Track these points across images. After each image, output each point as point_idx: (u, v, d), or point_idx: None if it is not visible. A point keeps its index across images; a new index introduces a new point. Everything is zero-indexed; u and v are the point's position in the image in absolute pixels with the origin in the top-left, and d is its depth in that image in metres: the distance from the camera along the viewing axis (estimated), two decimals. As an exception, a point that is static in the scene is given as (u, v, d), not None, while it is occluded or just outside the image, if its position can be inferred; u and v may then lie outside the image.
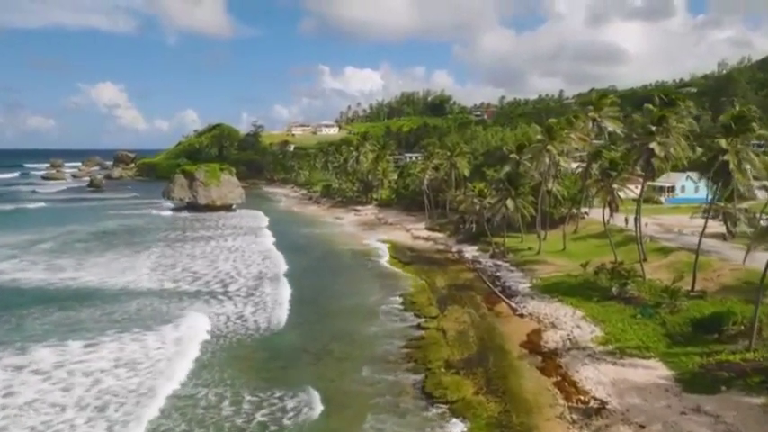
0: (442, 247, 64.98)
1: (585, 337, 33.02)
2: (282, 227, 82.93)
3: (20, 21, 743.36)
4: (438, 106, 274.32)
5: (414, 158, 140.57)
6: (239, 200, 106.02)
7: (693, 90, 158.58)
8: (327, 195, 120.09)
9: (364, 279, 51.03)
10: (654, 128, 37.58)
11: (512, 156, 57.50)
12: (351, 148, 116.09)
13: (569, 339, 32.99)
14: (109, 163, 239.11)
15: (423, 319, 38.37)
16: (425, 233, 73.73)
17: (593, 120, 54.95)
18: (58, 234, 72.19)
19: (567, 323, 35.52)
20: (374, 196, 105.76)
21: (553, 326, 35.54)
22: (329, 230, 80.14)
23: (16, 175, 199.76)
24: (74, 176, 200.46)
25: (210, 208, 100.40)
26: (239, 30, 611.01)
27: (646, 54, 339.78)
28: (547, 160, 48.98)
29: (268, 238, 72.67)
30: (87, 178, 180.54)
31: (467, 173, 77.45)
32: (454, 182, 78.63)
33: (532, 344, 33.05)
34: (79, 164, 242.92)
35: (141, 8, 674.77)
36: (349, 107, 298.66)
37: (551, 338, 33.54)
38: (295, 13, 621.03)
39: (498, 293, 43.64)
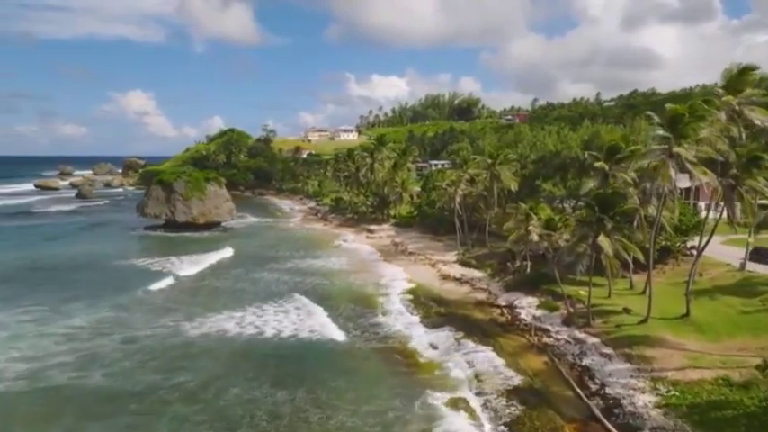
0: (483, 296, 45.02)
1: None
2: (265, 255, 64.09)
3: (53, 32, 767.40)
4: (465, 110, 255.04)
5: (440, 166, 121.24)
6: (228, 216, 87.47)
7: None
8: (337, 210, 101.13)
9: (363, 365, 31.53)
10: None
11: (598, 165, 37.18)
12: (364, 155, 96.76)
13: None
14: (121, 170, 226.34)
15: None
16: (458, 269, 53.88)
17: (731, 109, 34.51)
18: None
19: None
20: (391, 213, 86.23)
21: None
22: (326, 265, 60.48)
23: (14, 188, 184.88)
24: (72, 185, 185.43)
25: (192, 226, 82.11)
26: (267, 38, 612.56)
27: (681, 59, 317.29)
28: (672, 173, 28.79)
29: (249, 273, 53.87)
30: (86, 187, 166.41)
31: (513, 187, 57.38)
32: (496, 199, 58.70)
33: None
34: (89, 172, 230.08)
35: (171, 18, 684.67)
36: (370, 111, 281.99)
37: None
38: (323, 20, 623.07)
39: (604, 422, 23.60)
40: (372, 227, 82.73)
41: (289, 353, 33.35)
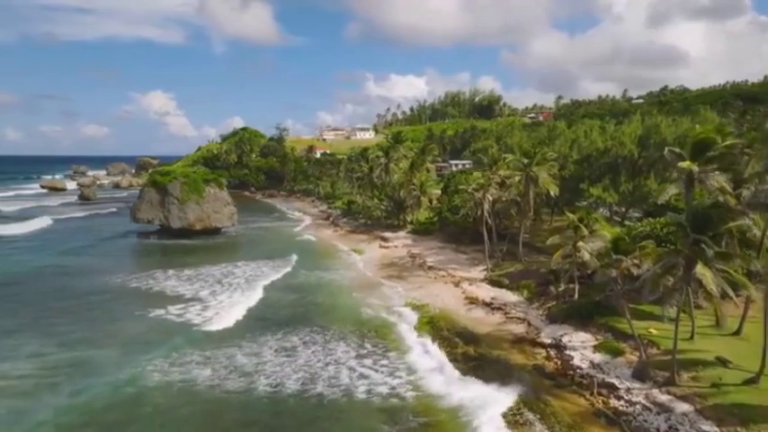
0: (521, 330, 36.13)
1: None
2: (265, 267, 55.89)
3: (76, 34, 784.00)
4: (486, 108, 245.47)
5: (461, 166, 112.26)
6: (229, 222, 79.65)
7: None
8: (350, 214, 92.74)
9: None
10: None
11: (684, 165, 28.05)
12: (379, 154, 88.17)
13: None
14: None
15: None
16: (487, 290, 45.10)
17: None
18: None
19: None
20: (408, 219, 77.59)
21: None
22: (336, 280, 52.29)
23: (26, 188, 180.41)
24: (81, 186, 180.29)
25: (188, 233, 74.51)
26: (286, 38, 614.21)
27: (708, 56, 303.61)
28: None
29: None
30: (95, 187, 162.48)
31: (553, 191, 48.42)
32: (532, 205, 49.77)
33: None
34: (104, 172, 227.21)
35: (191, 18, 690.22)
36: (388, 109, 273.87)
37: None
38: (342, 19, 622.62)
39: None
40: (387, 234, 74.20)
41: (270, 422, 25.05)
